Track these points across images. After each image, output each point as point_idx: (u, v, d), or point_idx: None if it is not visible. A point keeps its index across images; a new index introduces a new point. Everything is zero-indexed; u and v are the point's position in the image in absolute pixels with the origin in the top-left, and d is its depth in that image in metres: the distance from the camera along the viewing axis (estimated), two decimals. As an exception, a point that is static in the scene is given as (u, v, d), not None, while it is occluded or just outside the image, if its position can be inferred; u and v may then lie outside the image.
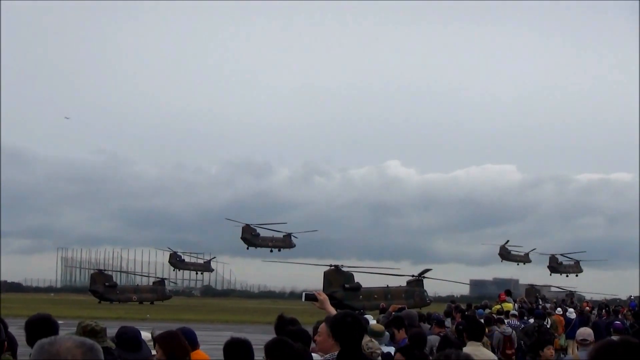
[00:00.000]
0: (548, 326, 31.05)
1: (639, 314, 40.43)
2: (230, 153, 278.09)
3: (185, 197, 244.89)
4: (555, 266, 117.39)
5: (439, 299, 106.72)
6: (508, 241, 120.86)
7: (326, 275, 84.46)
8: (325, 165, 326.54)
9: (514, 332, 25.03)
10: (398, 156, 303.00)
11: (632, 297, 65.25)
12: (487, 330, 21.19)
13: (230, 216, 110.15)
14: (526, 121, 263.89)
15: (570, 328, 34.54)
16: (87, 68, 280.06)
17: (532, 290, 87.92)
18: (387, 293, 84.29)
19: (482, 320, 20.97)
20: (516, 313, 32.45)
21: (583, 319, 37.11)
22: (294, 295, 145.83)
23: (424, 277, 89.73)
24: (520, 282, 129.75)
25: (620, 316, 39.82)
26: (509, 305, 37.25)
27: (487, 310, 35.49)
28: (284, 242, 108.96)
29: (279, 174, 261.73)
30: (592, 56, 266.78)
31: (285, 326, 11.60)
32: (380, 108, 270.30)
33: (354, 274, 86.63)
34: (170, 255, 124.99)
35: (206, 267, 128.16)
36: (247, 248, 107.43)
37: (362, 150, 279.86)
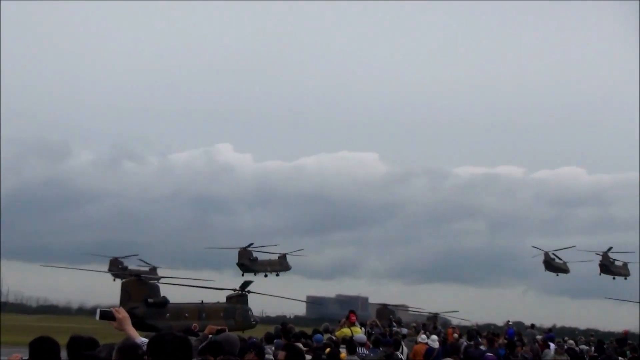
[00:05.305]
0: (403, 357, 31.01)
1: (514, 343, 40.97)
2: (18, 130, 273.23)
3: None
4: (607, 265, 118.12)
5: (268, 320, 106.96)
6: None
7: (124, 286, 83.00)
8: (139, 147, 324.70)
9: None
10: (231, 139, 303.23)
11: (510, 323, 65.84)
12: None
13: (13, 209, 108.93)
14: (393, 102, 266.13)
15: (432, 359, 34.70)
16: None
17: (385, 311, 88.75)
18: (201, 311, 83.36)
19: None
20: (364, 339, 32.09)
21: (449, 349, 37.00)
22: (83, 312, 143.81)
23: (249, 292, 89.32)
24: (371, 300, 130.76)
25: (496, 345, 40.13)
26: (358, 330, 37.00)
27: (327, 335, 35.20)
28: (281, 265, 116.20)
29: (79, 157, 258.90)
30: (467, 36, 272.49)
31: (81, 349, 11.64)
32: (211, 82, 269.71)
33: (161, 285, 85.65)
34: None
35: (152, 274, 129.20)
36: (242, 274, 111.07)
37: (187, 130, 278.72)
